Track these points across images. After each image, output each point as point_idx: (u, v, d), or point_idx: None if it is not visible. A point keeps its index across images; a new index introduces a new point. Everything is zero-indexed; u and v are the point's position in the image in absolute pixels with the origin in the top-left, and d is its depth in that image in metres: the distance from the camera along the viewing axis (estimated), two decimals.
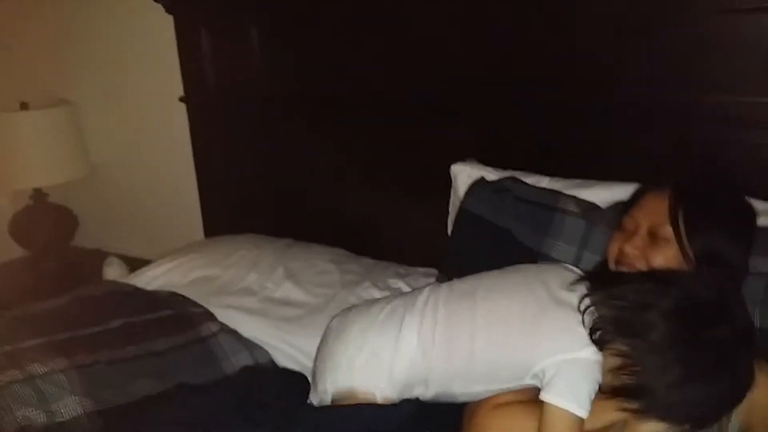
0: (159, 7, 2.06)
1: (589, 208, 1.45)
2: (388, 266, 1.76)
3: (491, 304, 1.19)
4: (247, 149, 2.08)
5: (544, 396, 1.07)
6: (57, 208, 2.46)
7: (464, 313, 1.20)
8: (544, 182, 1.55)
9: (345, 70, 1.85)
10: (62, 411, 1.20)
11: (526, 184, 1.54)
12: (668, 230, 1.19)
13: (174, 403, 1.19)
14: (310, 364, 1.39)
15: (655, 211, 1.22)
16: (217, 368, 1.36)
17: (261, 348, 1.45)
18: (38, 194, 2.42)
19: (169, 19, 2.09)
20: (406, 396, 1.20)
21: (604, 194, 1.47)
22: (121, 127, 2.42)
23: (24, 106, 2.36)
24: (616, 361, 1.05)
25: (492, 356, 1.15)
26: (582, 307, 1.11)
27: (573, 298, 1.14)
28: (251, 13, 1.95)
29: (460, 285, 1.28)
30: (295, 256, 1.79)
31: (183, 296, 1.55)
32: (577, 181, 1.53)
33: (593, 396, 1.07)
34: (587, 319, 1.10)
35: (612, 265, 1.26)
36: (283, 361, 1.47)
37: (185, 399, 1.20)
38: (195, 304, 1.53)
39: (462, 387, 1.18)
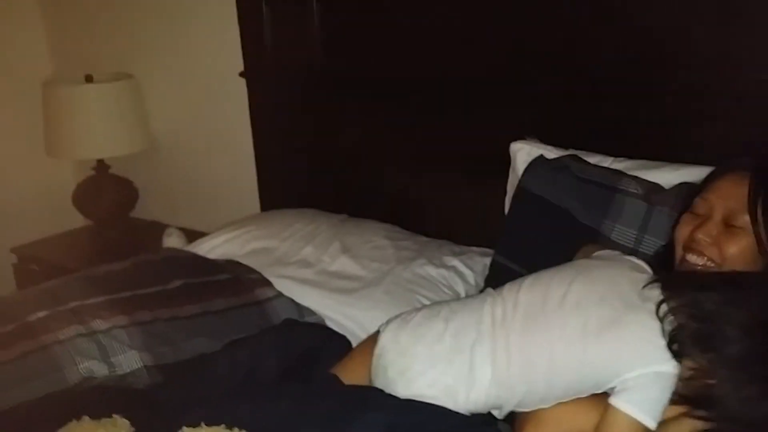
0: None
1: (652, 189, 1.39)
2: (442, 244, 1.75)
3: (564, 320, 1.11)
4: (305, 125, 2.09)
5: (617, 401, 1.04)
6: (118, 180, 2.52)
7: (538, 336, 1.12)
8: (607, 162, 1.50)
9: (402, 48, 1.84)
10: (123, 364, 1.25)
11: (586, 162, 1.50)
12: (745, 219, 1.12)
13: (220, 360, 1.20)
14: (363, 335, 1.40)
15: (733, 196, 1.14)
16: None
17: (316, 314, 1.46)
18: (101, 165, 2.48)
19: None
20: None
21: (670, 176, 1.41)
22: (181, 101, 2.46)
23: (89, 78, 2.42)
24: (690, 371, 1.01)
25: (572, 375, 1.10)
26: (660, 315, 1.05)
27: (648, 303, 1.08)
28: None
29: (526, 297, 1.17)
30: (350, 231, 1.80)
31: (240, 263, 1.57)
32: (643, 161, 1.48)
33: (664, 408, 1.03)
34: (666, 327, 1.04)
35: (679, 251, 1.18)
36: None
37: (232, 355, 1.21)
38: (252, 270, 1.55)
39: (537, 404, 1.12)
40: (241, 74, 2.16)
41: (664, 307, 1.05)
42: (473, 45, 1.71)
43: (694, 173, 1.37)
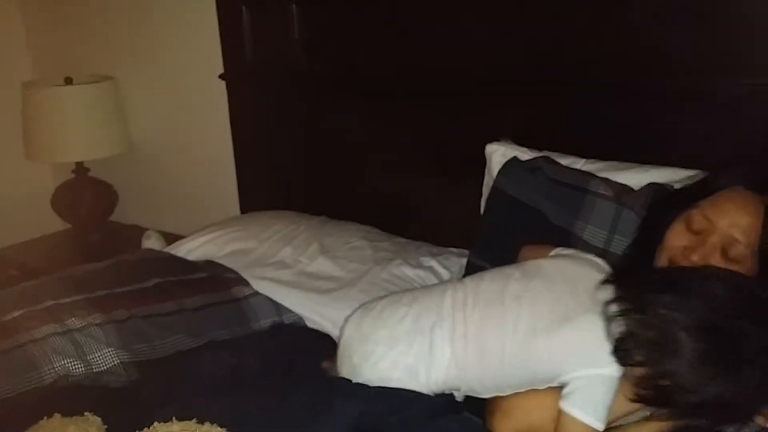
0: None
1: (621, 190, 1.42)
2: (420, 245, 1.77)
3: (518, 315, 1.15)
4: (284, 127, 2.10)
5: (564, 405, 1.08)
6: (98, 183, 2.52)
7: (493, 327, 1.16)
8: (579, 164, 1.53)
9: (382, 49, 1.86)
10: (99, 362, 1.25)
11: (558, 164, 1.53)
12: (745, 252, 1.10)
13: (203, 357, 1.21)
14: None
15: (738, 224, 1.11)
16: (247, 328, 1.39)
17: (292, 312, 1.47)
18: (80, 168, 2.48)
19: None
20: None
21: (640, 177, 1.44)
22: (161, 104, 2.47)
23: (68, 80, 2.42)
24: (639, 372, 1.03)
25: (521, 368, 1.14)
26: (607, 316, 1.07)
27: (599, 303, 1.10)
28: None
29: (486, 287, 1.22)
30: (329, 232, 1.81)
31: (218, 263, 1.58)
32: (613, 163, 1.51)
33: (608, 409, 1.07)
34: (613, 329, 1.06)
35: (664, 260, 1.17)
36: None
37: (215, 353, 1.22)
38: (229, 270, 1.56)
39: (492, 391, 1.16)
40: (221, 77, 2.17)
41: (613, 308, 1.07)
42: (451, 46, 1.73)
43: (663, 175, 1.40)
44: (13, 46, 2.71)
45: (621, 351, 1.04)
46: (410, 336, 1.18)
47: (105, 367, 1.25)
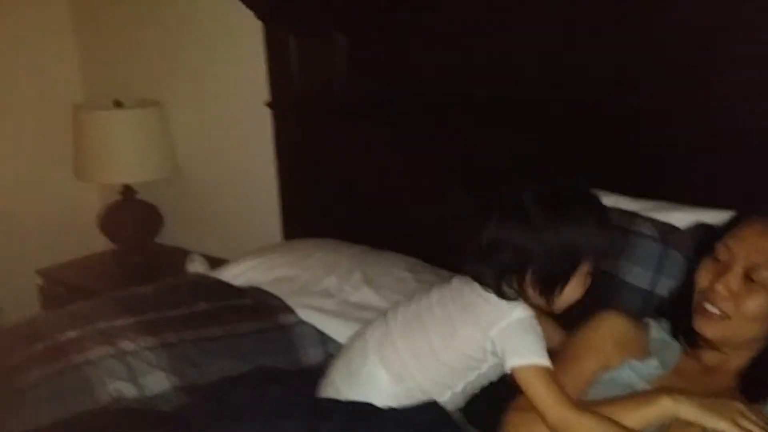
0: (250, 13, 2.15)
1: (667, 230, 1.40)
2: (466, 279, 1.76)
3: (433, 314, 1.28)
4: (328, 155, 2.13)
5: (506, 368, 1.19)
6: (144, 205, 2.57)
7: (417, 331, 1.27)
8: (622, 203, 1.52)
9: (426, 79, 1.88)
10: (150, 386, 1.27)
11: None
12: (766, 275, 1.11)
13: (252, 388, 1.22)
14: None
15: (757, 248, 1.13)
16: (294, 357, 1.41)
17: (336, 342, 1.48)
18: (127, 190, 2.54)
19: (259, 25, 2.17)
20: None
21: (686, 217, 1.42)
22: (207, 129, 2.52)
23: (118, 104, 2.48)
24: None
25: (452, 352, 1.24)
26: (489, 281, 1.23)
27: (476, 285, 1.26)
28: (340, 20, 2.01)
29: (404, 310, 1.33)
30: (372, 262, 1.82)
31: (263, 290, 1.60)
32: (659, 203, 1.49)
33: (544, 344, 1.18)
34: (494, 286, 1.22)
35: (697, 298, 1.18)
36: None
37: (264, 385, 1.23)
38: (275, 297, 1.58)
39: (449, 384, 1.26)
40: (267, 104, 2.21)
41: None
42: (497, 74, 1.74)
43: (711, 215, 1.38)
44: (66, 69, 2.80)
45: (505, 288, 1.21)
46: (358, 369, 1.27)
47: (157, 391, 1.27)
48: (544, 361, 1.16)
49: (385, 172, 2.01)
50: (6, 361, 1.33)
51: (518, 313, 1.20)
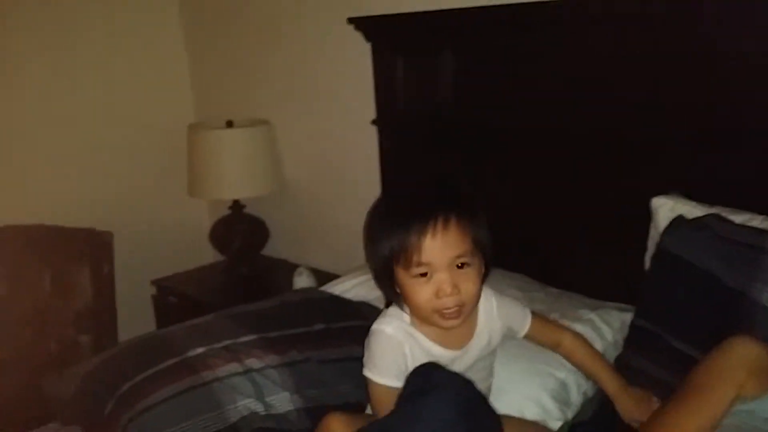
0: (358, 35, 2.19)
1: None
2: (574, 297, 1.71)
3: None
4: (430, 174, 2.13)
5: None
6: (252, 219, 2.66)
7: None
8: (755, 221, 1.45)
9: (535, 99, 1.85)
10: (276, 405, 1.29)
11: (730, 222, 1.45)
12: None
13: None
14: (494, 389, 1.40)
15: None
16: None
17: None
18: (236, 205, 2.63)
19: (367, 47, 2.20)
20: None
21: None
22: (313, 146, 2.58)
23: (229, 124, 2.59)
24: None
25: None
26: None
27: None
28: (449, 42, 2.01)
29: None
30: None
31: (374, 307, 1.62)
32: None
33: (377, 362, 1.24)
34: None
35: None
36: None
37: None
38: None
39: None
40: (373, 122, 2.24)
41: None
42: (610, 95, 1.70)
43: None
44: (180, 91, 2.94)
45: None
46: None
47: (282, 411, 1.29)
48: (368, 373, 1.24)
49: (489, 191, 2.00)
50: (135, 375, 1.38)
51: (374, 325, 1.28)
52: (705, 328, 1.30)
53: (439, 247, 1.20)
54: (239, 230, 2.62)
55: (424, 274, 1.21)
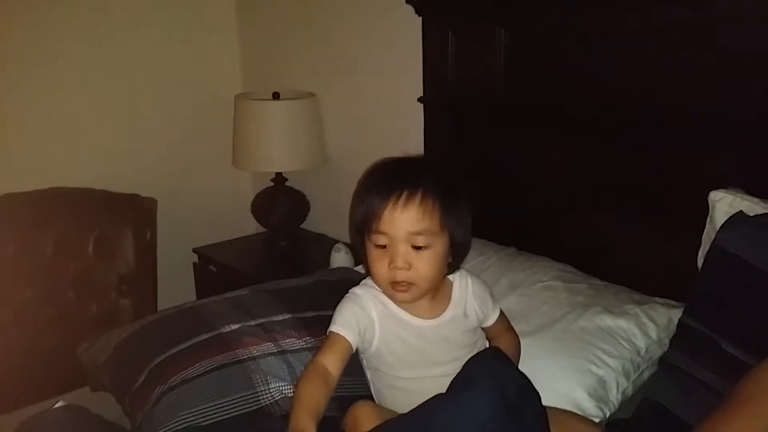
0: (408, 8, 2.13)
1: None
2: (620, 290, 1.65)
3: None
4: (477, 154, 2.08)
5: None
6: (293, 192, 2.65)
7: None
8: None
9: (590, 79, 1.78)
10: None
11: None
12: None
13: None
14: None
15: None
16: None
17: None
18: (279, 178, 2.62)
19: (417, 21, 2.15)
20: None
21: None
22: (358, 121, 2.55)
23: (276, 95, 2.56)
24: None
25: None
26: None
27: None
28: (502, 20, 1.94)
29: None
30: (520, 267, 1.76)
31: None
32: None
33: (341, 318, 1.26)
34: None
35: None
36: None
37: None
38: None
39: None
40: (420, 99, 2.19)
41: None
42: (667, 79, 1.61)
43: None
44: (229, 62, 2.93)
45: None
46: None
47: None
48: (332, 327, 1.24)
49: (537, 174, 1.94)
50: (169, 348, 1.38)
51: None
52: (761, 334, 1.23)
53: (398, 220, 1.22)
54: (281, 203, 2.62)
55: (384, 246, 1.24)
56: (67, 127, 2.57)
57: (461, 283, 1.37)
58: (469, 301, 1.36)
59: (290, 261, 2.57)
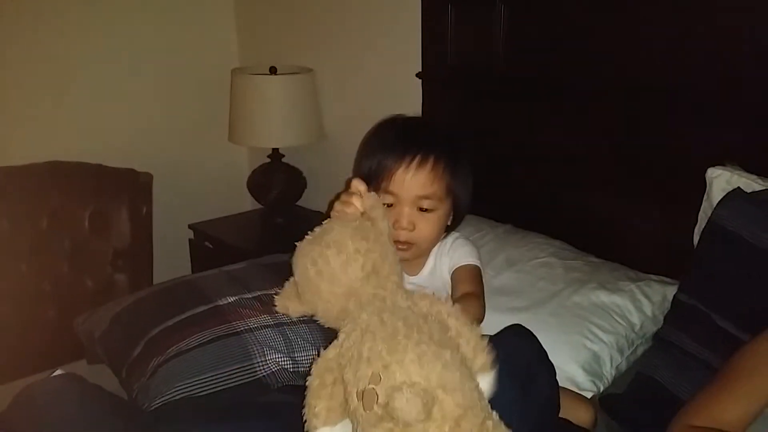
0: None
1: None
2: (616, 267, 1.66)
3: None
4: (475, 130, 2.07)
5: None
6: (290, 169, 2.64)
7: None
8: None
9: (589, 54, 1.77)
10: (305, 363, 1.27)
11: None
12: None
13: None
14: None
15: None
16: None
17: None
18: (275, 154, 2.61)
19: None
20: None
21: None
22: (355, 96, 2.53)
23: (273, 70, 2.54)
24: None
25: None
26: None
27: None
28: None
29: None
30: (516, 243, 1.76)
31: None
32: None
33: None
34: None
35: None
36: None
37: None
38: None
39: None
40: (418, 75, 2.18)
41: None
42: (668, 53, 1.60)
43: None
44: (225, 35, 2.90)
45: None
46: None
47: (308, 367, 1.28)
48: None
49: (537, 150, 1.93)
50: (166, 320, 1.38)
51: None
52: (756, 310, 1.24)
53: (408, 182, 1.24)
54: (277, 179, 2.60)
55: (389, 205, 1.26)
56: (63, 102, 2.54)
57: (443, 241, 1.40)
58: (443, 256, 1.39)
59: (286, 238, 2.55)
